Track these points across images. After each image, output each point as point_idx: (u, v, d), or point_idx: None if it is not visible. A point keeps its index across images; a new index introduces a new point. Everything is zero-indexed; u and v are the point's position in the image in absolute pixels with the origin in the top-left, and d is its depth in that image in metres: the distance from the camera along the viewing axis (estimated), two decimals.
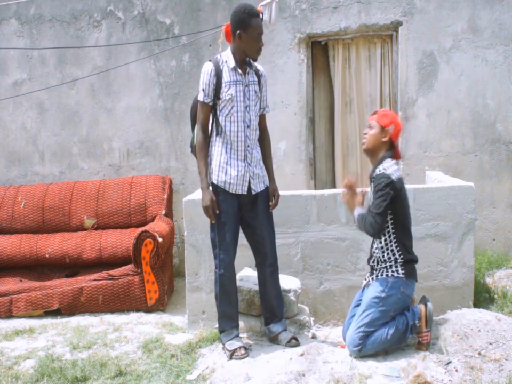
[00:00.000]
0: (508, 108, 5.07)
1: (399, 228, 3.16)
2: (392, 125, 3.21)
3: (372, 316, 3.10)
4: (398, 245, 3.15)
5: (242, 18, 3.20)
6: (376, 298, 3.11)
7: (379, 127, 3.22)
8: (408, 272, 3.14)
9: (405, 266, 3.14)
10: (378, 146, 3.22)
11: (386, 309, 3.10)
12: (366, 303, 3.15)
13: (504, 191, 5.11)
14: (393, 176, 3.08)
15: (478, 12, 5.02)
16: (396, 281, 3.12)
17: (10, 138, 5.82)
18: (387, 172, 3.09)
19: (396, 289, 3.11)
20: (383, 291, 3.11)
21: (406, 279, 3.13)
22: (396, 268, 3.14)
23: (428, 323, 3.13)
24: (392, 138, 3.22)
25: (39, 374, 3.32)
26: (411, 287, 3.17)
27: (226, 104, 3.27)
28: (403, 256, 3.14)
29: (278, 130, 5.24)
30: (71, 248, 4.97)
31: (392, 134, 3.21)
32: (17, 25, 5.72)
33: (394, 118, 3.28)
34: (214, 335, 3.60)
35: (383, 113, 3.29)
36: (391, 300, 3.11)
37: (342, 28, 5.21)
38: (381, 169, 3.13)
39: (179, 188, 5.57)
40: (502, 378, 2.80)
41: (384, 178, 3.07)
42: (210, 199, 3.22)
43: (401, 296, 3.12)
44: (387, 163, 3.16)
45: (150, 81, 5.57)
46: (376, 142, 3.22)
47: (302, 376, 2.92)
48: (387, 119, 3.22)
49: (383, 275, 3.15)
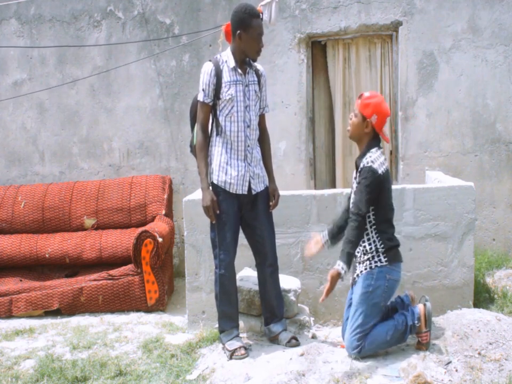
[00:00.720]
0: (508, 108, 5.07)
1: (381, 219, 3.12)
2: (374, 115, 3.08)
3: (364, 313, 3.07)
4: (379, 236, 3.11)
5: (242, 19, 3.20)
6: (365, 294, 3.09)
7: (361, 117, 3.12)
8: (391, 258, 3.11)
9: (387, 253, 3.10)
10: (361, 135, 3.15)
11: (376, 301, 3.09)
12: (356, 301, 3.12)
13: (504, 191, 5.11)
14: (379, 170, 3.03)
15: (478, 12, 5.02)
16: (380, 270, 3.09)
17: (10, 138, 5.82)
18: (374, 165, 3.02)
19: (382, 279, 3.08)
20: (369, 285, 3.08)
21: (390, 264, 3.10)
22: (378, 257, 3.10)
23: (427, 323, 3.12)
24: (376, 129, 3.11)
25: (39, 374, 3.32)
26: (396, 270, 3.14)
27: (226, 104, 3.27)
28: (384, 245, 3.10)
29: (278, 130, 5.24)
30: (71, 248, 4.97)
31: (375, 125, 3.10)
32: (17, 25, 5.72)
33: (377, 106, 3.09)
34: (214, 335, 3.60)
35: (366, 101, 3.11)
36: (379, 291, 3.08)
37: (342, 28, 5.21)
38: (368, 161, 3.05)
39: (179, 188, 5.57)
40: (502, 378, 2.80)
41: (370, 172, 3.01)
42: (210, 199, 3.22)
43: (388, 284, 3.10)
44: (374, 154, 3.08)
45: (150, 81, 5.57)
46: (359, 132, 3.15)
47: (302, 376, 2.92)
48: (369, 109, 3.08)
49: (367, 268, 3.11)
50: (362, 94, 3.19)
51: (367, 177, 3.02)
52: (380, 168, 3.04)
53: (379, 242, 3.11)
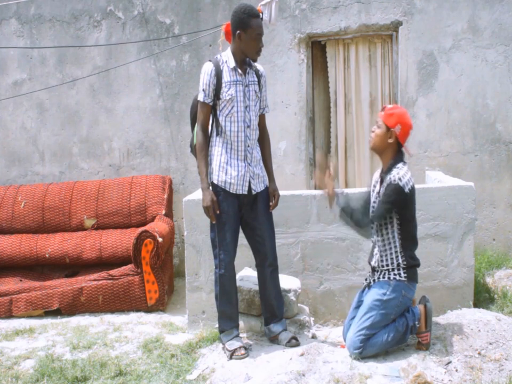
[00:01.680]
0: (508, 108, 5.06)
1: (405, 235, 3.12)
2: (398, 125, 3.07)
3: (373, 318, 3.08)
4: (402, 251, 3.11)
5: (242, 19, 3.20)
6: (378, 301, 3.09)
7: (385, 127, 3.10)
8: (410, 276, 3.12)
9: (407, 270, 3.11)
10: (384, 147, 3.13)
11: (387, 312, 3.09)
12: (367, 305, 3.12)
13: (504, 191, 5.11)
14: (406, 188, 3.02)
15: (478, 12, 5.02)
16: (398, 284, 3.09)
17: (10, 138, 5.82)
18: (401, 183, 3.01)
19: (397, 292, 3.09)
20: (384, 294, 3.09)
21: (408, 282, 3.11)
22: (399, 272, 3.11)
23: (427, 323, 3.12)
24: (399, 140, 3.10)
25: (39, 374, 3.32)
26: (412, 290, 3.16)
27: (226, 104, 3.27)
28: (406, 262, 3.11)
29: (278, 130, 5.24)
30: (71, 248, 4.97)
31: (399, 135, 3.08)
32: (17, 25, 5.72)
33: (401, 117, 3.10)
34: (214, 335, 3.60)
35: (389, 112, 3.11)
36: (392, 303, 3.09)
37: (342, 27, 5.21)
38: (396, 177, 3.02)
39: (179, 188, 5.57)
40: (502, 378, 2.80)
41: (396, 190, 3.00)
42: (211, 199, 3.22)
43: (403, 300, 3.11)
44: (401, 169, 3.07)
45: (150, 81, 5.57)
46: (382, 142, 3.12)
47: (302, 376, 2.92)
48: (393, 119, 3.07)
49: (385, 277, 3.12)
50: (385, 106, 3.20)
51: (392, 194, 3.02)
52: (407, 186, 3.03)
53: (402, 258, 3.11)
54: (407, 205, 3.08)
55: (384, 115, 3.12)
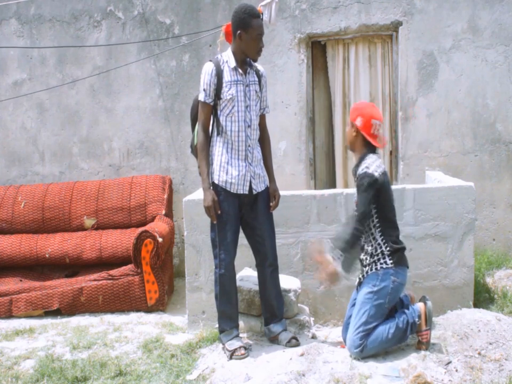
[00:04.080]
0: (508, 108, 5.07)
1: (384, 220, 3.13)
2: (359, 118, 3.13)
3: (368, 312, 3.08)
4: (383, 237, 3.12)
5: (242, 19, 3.20)
6: (369, 293, 3.10)
7: (350, 123, 3.21)
8: (397, 261, 3.11)
9: (392, 256, 3.11)
10: (353, 141, 3.20)
11: (380, 301, 3.09)
12: (360, 301, 3.14)
13: (504, 191, 5.11)
14: (376, 173, 3.04)
15: (478, 12, 5.02)
16: (386, 272, 3.10)
17: (10, 138, 5.82)
18: (370, 170, 3.04)
19: (387, 281, 3.09)
20: (374, 285, 3.10)
21: (395, 267, 3.10)
22: (384, 259, 3.11)
23: (427, 321, 3.12)
24: (362, 132, 3.13)
25: (39, 374, 3.32)
26: (402, 274, 3.14)
27: (227, 104, 3.27)
28: (389, 248, 3.11)
29: (278, 130, 5.24)
30: (71, 248, 4.97)
31: (360, 127, 3.12)
32: (17, 25, 5.72)
33: (361, 109, 3.17)
34: (214, 335, 3.60)
35: (353, 107, 3.24)
36: (384, 292, 3.09)
37: (342, 28, 5.21)
38: (363, 167, 3.08)
39: (179, 188, 5.57)
40: (502, 378, 2.80)
41: (366, 177, 3.03)
42: (212, 199, 3.22)
43: (394, 286, 3.10)
44: (369, 159, 3.11)
45: (150, 81, 5.57)
46: (350, 138, 3.21)
47: (302, 376, 2.92)
48: (354, 113, 3.18)
49: (373, 269, 3.13)
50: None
51: (363, 183, 3.04)
52: (376, 171, 3.05)
53: (384, 245, 3.13)
54: (380, 190, 3.07)
55: (350, 111, 3.24)
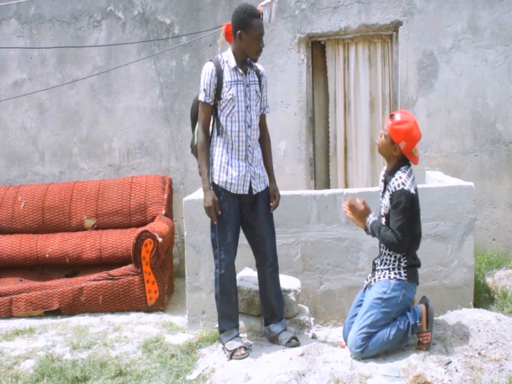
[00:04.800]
0: (508, 108, 5.06)
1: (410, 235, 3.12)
2: (403, 142, 3.07)
3: (373, 317, 3.09)
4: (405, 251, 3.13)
5: (243, 19, 3.20)
6: (379, 299, 3.10)
7: (390, 140, 3.11)
8: (410, 276, 3.14)
9: (407, 270, 3.14)
10: (389, 156, 3.18)
11: (388, 310, 3.10)
12: (368, 304, 3.14)
13: (504, 191, 5.11)
14: (411, 190, 3.04)
15: (478, 12, 5.02)
16: (398, 283, 3.11)
17: (10, 138, 5.82)
18: (405, 187, 3.03)
19: (398, 291, 3.10)
20: (385, 292, 3.10)
21: (408, 282, 3.13)
22: (399, 271, 3.14)
23: (428, 323, 3.12)
24: (404, 154, 3.12)
25: (39, 374, 3.32)
26: (413, 290, 3.17)
27: (227, 104, 3.27)
28: (407, 261, 3.14)
29: (278, 130, 5.24)
30: (71, 248, 4.97)
31: (403, 150, 3.10)
32: (17, 25, 5.72)
33: (408, 133, 3.06)
34: (214, 335, 3.60)
35: (395, 127, 3.07)
36: (393, 302, 3.10)
37: (342, 28, 5.21)
38: (399, 183, 3.04)
39: (179, 188, 5.57)
40: (502, 378, 2.80)
41: (404, 195, 3.02)
42: (212, 199, 3.22)
43: (403, 299, 3.12)
44: (403, 174, 3.09)
45: (150, 81, 5.57)
46: (387, 152, 3.17)
47: (302, 376, 2.92)
48: (399, 136, 3.06)
49: (385, 277, 3.15)
50: (394, 115, 3.14)
51: (402, 201, 3.03)
52: (411, 188, 3.06)
53: (403, 258, 3.14)
54: (414, 206, 3.10)
55: (391, 128, 3.10)
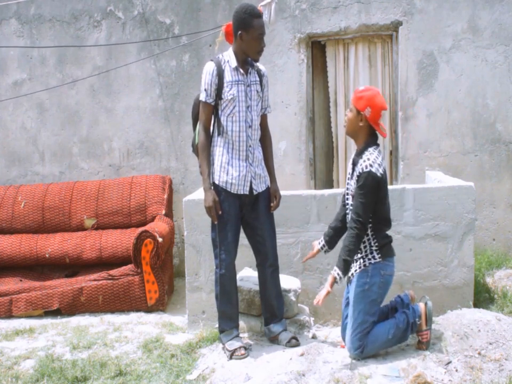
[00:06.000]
0: (508, 108, 5.07)
1: (378, 218, 3.09)
2: (368, 108, 3.01)
3: (363, 311, 3.06)
4: (374, 234, 3.09)
5: (243, 19, 3.19)
6: (361, 292, 3.08)
7: (355, 111, 3.07)
8: (384, 253, 3.10)
9: (380, 249, 3.09)
10: (356, 130, 3.10)
11: (373, 298, 3.08)
12: (352, 300, 3.11)
13: (504, 191, 5.11)
14: (378, 173, 2.98)
15: (478, 12, 5.02)
16: (375, 267, 3.07)
17: (10, 138, 5.82)
18: (373, 168, 2.97)
19: (376, 276, 3.07)
20: (365, 283, 3.07)
21: (383, 260, 3.09)
22: (372, 254, 3.09)
23: (427, 321, 3.12)
24: (370, 122, 3.05)
25: (39, 374, 3.32)
26: (390, 265, 3.13)
27: (228, 104, 3.26)
28: (378, 242, 3.09)
29: (278, 130, 5.24)
30: (71, 248, 4.97)
31: (369, 118, 3.03)
32: (17, 25, 5.72)
33: (371, 99, 3.02)
34: (214, 335, 3.60)
35: (359, 94, 3.06)
36: (375, 288, 3.07)
37: (342, 27, 5.21)
38: (367, 164, 2.98)
39: (179, 188, 5.57)
40: (502, 378, 2.80)
41: (370, 177, 2.96)
42: (213, 199, 3.22)
43: (384, 279, 3.09)
44: (372, 154, 3.02)
45: (150, 81, 5.57)
46: (354, 126, 3.09)
47: (302, 376, 2.92)
48: (363, 102, 3.02)
49: (361, 266, 3.10)
50: (357, 88, 3.15)
51: (366, 184, 2.98)
52: (379, 170, 3.00)
53: (373, 240, 3.10)
54: (380, 189, 3.04)
55: (354, 98, 3.09)
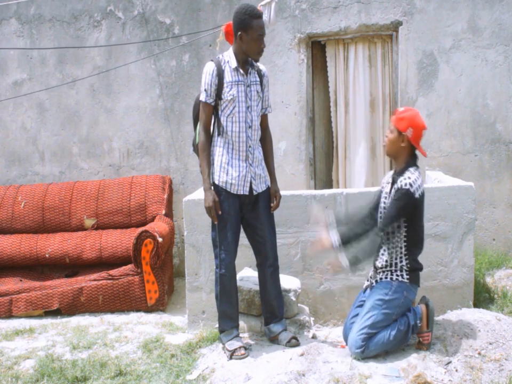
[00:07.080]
0: (508, 108, 5.07)
1: (412, 237, 3.14)
2: (410, 129, 3.07)
3: (374, 317, 3.09)
4: (407, 254, 3.14)
5: (243, 20, 3.19)
6: (380, 300, 3.11)
7: (397, 132, 3.11)
8: (412, 278, 3.15)
9: (410, 273, 3.14)
10: (398, 151, 3.15)
11: (389, 311, 3.10)
12: (369, 305, 3.14)
13: (504, 191, 5.11)
14: (416, 194, 3.03)
15: (478, 12, 5.02)
16: (400, 285, 3.12)
17: (10, 138, 5.82)
18: (412, 189, 3.02)
19: (399, 293, 3.11)
20: (387, 294, 3.11)
21: (409, 284, 3.14)
22: (401, 273, 3.14)
23: (429, 323, 3.13)
24: (412, 142, 3.10)
25: (39, 374, 3.32)
26: (414, 292, 3.18)
27: (228, 105, 3.26)
28: (409, 265, 3.14)
29: (278, 130, 5.24)
30: (71, 248, 4.97)
31: (411, 138, 3.08)
32: (17, 25, 5.72)
33: (412, 119, 3.09)
34: (214, 335, 3.60)
35: (400, 115, 3.12)
36: (394, 303, 3.11)
37: (342, 27, 5.21)
38: (407, 182, 3.03)
39: (179, 188, 5.57)
40: (502, 378, 2.80)
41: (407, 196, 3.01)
42: (213, 199, 3.22)
43: (404, 301, 3.13)
44: (412, 174, 3.07)
45: (150, 81, 5.57)
46: (396, 147, 3.14)
47: (302, 376, 2.92)
48: (404, 123, 3.08)
49: (387, 278, 3.15)
50: (397, 109, 3.20)
51: (402, 200, 3.03)
52: (417, 192, 3.04)
53: (406, 261, 3.15)
54: (416, 210, 3.09)
55: (395, 119, 3.14)
